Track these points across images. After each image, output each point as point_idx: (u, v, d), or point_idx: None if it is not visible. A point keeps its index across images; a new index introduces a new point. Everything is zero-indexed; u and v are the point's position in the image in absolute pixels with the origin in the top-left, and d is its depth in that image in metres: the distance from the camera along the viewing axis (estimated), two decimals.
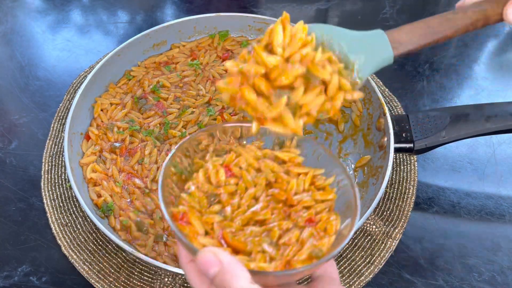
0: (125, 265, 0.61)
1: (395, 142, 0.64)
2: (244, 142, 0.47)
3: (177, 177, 0.41)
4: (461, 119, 0.64)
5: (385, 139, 0.65)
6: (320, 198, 0.40)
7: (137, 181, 0.65)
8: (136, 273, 0.61)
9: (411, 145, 0.65)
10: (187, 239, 0.36)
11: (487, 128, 0.63)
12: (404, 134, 0.66)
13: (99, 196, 0.63)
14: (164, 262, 0.57)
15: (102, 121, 0.70)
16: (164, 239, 0.60)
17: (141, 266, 0.61)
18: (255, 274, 0.34)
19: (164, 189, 0.39)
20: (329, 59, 0.38)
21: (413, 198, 0.68)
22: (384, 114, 0.66)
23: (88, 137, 0.69)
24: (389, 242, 0.63)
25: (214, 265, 0.32)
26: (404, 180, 0.70)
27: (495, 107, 0.64)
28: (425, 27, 0.41)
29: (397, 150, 0.65)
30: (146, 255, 0.57)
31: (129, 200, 0.64)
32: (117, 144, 0.68)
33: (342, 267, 0.61)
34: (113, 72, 0.75)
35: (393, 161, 0.65)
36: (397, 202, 0.67)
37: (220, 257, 0.32)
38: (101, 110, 0.71)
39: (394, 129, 0.65)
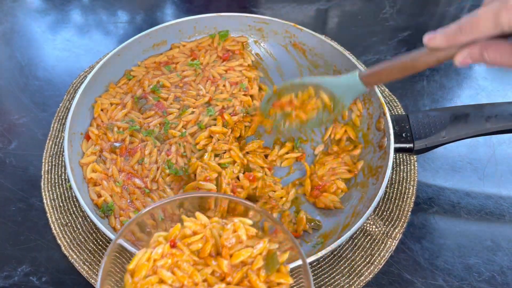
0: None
1: (395, 142, 0.64)
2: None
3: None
4: (461, 119, 0.64)
5: (385, 139, 0.65)
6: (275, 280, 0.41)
7: (137, 181, 0.65)
8: None
9: (411, 145, 0.65)
10: None
11: (487, 128, 0.63)
12: (404, 134, 0.66)
13: (99, 196, 0.63)
14: None
15: (102, 121, 0.70)
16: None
17: None
18: None
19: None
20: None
21: (413, 198, 0.68)
22: (384, 114, 0.66)
23: (88, 137, 0.69)
24: (389, 242, 0.63)
25: None
26: (404, 180, 0.70)
27: (495, 107, 0.64)
28: (389, 69, 0.53)
29: (397, 150, 0.65)
30: None
31: (129, 200, 0.64)
32: (117, 144, 0.68)
33: (342, 267, 0.61)
34: (113, 72, 0.75)
35: (393, 161, 0.65)
36: (397, 202, 0.67)
37: None
38: (101, 110, 0.71)
39: (394, 129, 0.65)
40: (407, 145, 0.65)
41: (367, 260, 0.62)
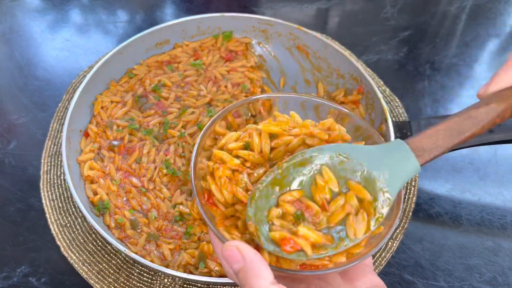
0: (124, 266, 0.61)
1: None
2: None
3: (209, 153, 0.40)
4: None
5: None
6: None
7: (134, 180, 0.65)
8: (135, 274, 0.60)
9: None
10: (213, 224, 0.35)
11: (490, 138, 0.63)
12: None
13: (95, 193, 0.63)
14: (151, 261, 0.56)
15: (101, 119, 0.70)
16: (157, 239, 0.60)
17: (140, 267, 0.61)
18: (280, 271, 0.33)
19: (196, 163, 0.38)
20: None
21: (414, 198, 0.68)
22: (386, 121, 0.65)
23: (87, 134, 0.68)
24: (389, 243, 0.63)
25: (238, 260, 0.32)
26: None
27: None
28: (447, 129, 0.38)
29: None
30: (136, 253, 0.57)
31: (125, 198, 0.63)
32: (115, 142, 0.67)
33: None
34: (115, 70, 0.75)
35: None
36: None
37: (243, 252, 0.32)
38: (101, 107, 0.71)
39: (395, 136, 0.64)
40: None
41: None
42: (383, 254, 0.62)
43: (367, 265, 0.39)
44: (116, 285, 0.59)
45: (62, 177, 0.69)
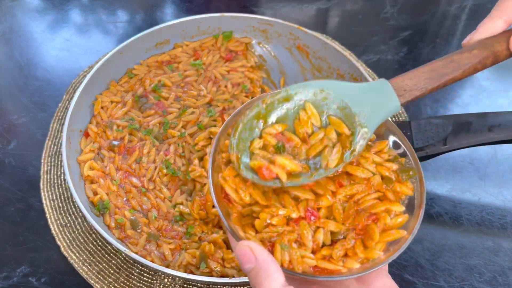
0: (124, 266, 0.61)
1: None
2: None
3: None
4: (464, 128, 0.64)
5: None
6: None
7: (134, 180, 0.65)
8: (135, 273, 0.60)
9: None
10: (228, 222, 0.36)
11: (490, 138, 0.63)
12: None
13: (95, 193, 0.63)
14: (152, 261, 0.56)
15: (102, 119, 0.70)
16: (157, 239, 0.60)
17: (140, 267, 0.61)
18: (292, 275, 0.33)
19: (215, 158, 0.39)
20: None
21: None
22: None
23: (87, 134, 0.68)
24: None
25: (250, 260, 0.32)
26: None
27: (499, 116, 0.64)
28: (429, 71, 0.39)
29: None
30: (136, 253, 0.57)
31: (125, 198, 0.63)
32: (115, 142, 0.67)
33: None
34: (115, 70, 0.75)
35: None
36: None
37: (256, 253, 0.32)
38: (101, 107, 0.71)
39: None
40: None
41: None
42: None
43: (382, 268, 0.39)
44: (116, 285, 0.59)
45: (62, 177, 0.69)
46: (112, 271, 0.60)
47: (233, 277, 0.56)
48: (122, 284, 0.59)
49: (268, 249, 0.35)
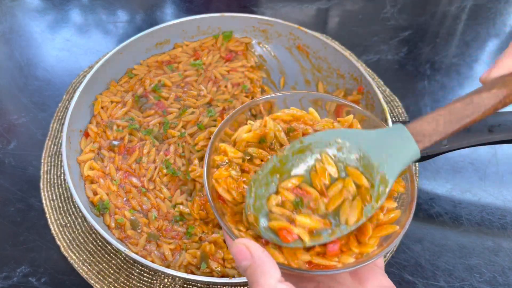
0: (124, 266, 0.61)
1: None
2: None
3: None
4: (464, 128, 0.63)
5: None
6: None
7: (134, 180, 0.65)
8: (135, 273, 0.60)
9: None
10: (224, 221, 0.36)
11: (490, 138, 0.62)
12: None
13: (95, 193, 0.63)
14: (152, 261, 0.56)
15: (101, 119, 0.70)
16: (157, 239, 0.60)
17: (140, 267, 0.61)
18: (289, 270, 0.33)
19: (210, 162, 0.39)
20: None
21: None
22: (386, 121, 0.65)
23: (87, 134, 0.68)
24: None
25: (246, 258, 0.32)
26: None
27: (499, 116, 0.63)
28: (448, 114, 0.37)
29: None
30: (136, 253, 0.57)
31: (125, 199, 0.63)
32: (115, 142, 0.67)
33: None
34: (115, 70, 0.75)
35: None
36: None
37: (252, 250, 0.32)
38: (102, 107, 0.71)
39: None
40: None
41: None
42: None
43: (378, 266, 0.39)
44: (116, 285, 0.59)
45: (62, 177, 0.69)
46: (112, 271, 0.60)
47: (234, 277, 0.56)
48: (122, 284, 0.59)
49: (262, 243, 0.36)
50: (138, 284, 0.60)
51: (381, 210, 0.38)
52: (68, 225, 0.64)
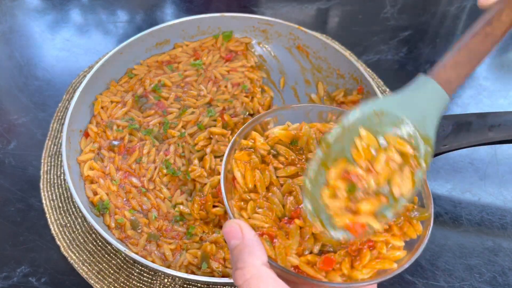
0: (124, 266, 0.61)
1: None
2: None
3: None
4: (464, 128, 0.63)
5: None
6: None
7: (134, 180, 0.65)
8: (135, 273, 0.60)
9: None
10: (228, 201, 0.37)
11: (490, 138, 0.62)
12: None
13: (95, 193, 0.63)
14: (152, 261, 0.56)
15: (101, 119, 0.70)
16: (157, 239, 0.60)
17: (140, 267, 0.61)
18: (275, 267, 0.34)
19: (234, 143, 0.40)
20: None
21: None
22: None
23: (87, 134, 0.68)
24: None
25: (236, 237, 0.33)
26: None
27: (499, 116, 0.63)
28: (467, 53, 0.36)
29: None
30: (137, 253, 0.57)
31: (125, 199, 0.63)
32: (115, 142, 0.67)
33: None
34: (115, 70, 0.75)
35: None
36: None
37: (244, 231, 0.33)
38: (101, 107, 0.71)
39: None
40: None
41: None
42: None
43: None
44: (116, 285, 0.59)
45: (62, 177, 0.69)
46: (112, 271, 0.60)
47: None
48: (122, 284, 0.59)
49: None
50: (138, 284, 0.60)
51: (386, 245, 0.37)
52: (68, 225, 0.64)
